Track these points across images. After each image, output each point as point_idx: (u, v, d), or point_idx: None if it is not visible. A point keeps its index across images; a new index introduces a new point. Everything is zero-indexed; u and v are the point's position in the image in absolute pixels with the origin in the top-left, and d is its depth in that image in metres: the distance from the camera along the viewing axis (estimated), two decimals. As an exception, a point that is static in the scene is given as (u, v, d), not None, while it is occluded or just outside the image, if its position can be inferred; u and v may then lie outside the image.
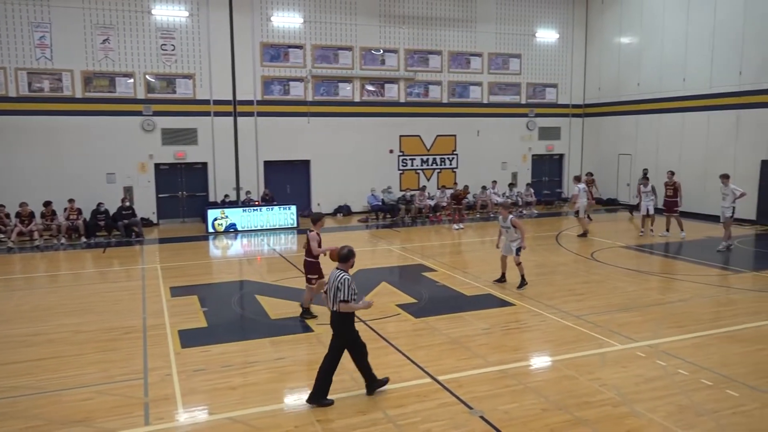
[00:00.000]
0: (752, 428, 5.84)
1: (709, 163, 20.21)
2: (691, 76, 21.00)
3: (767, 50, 18.34)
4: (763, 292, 11.11)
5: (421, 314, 9.87)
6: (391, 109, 23.02)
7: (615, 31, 24.62)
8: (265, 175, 21.59)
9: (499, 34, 24.44)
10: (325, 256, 9.04)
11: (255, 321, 9.78)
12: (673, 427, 5.94)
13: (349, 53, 22.21)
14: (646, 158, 23.10)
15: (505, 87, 24.84)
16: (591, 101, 26.12)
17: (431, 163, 24.08)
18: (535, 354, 8.24)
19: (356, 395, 6.74)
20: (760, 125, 18.42)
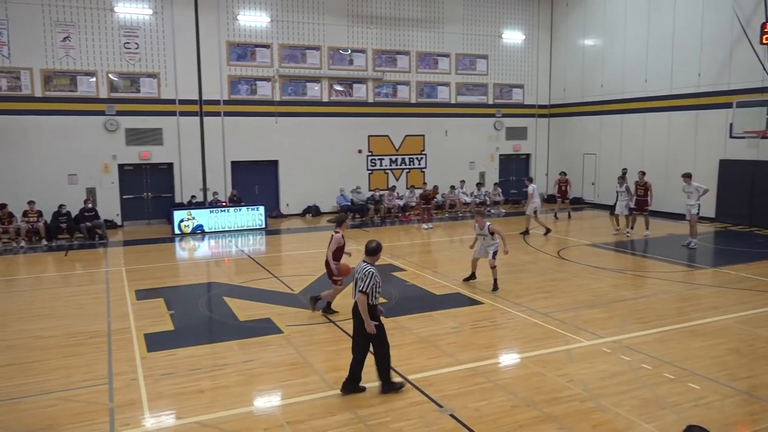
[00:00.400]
0: (712, 420, 6.01)
1: (671, 162, 20.75)
2: (653, 78, 21.53)
3: (724, 53, 18.91)
4: (722, 287, 11.45)
5: (390, 314, 9.87)
6: (360, 109, 23.01)
7: (579, 34, 25.08)
8: (232, 176, 21.35)
9: (466, 35, 24.66)
10: (335, 274, 9.25)
11: (223, 323, 9.66)
12: (637, 420, 6.08)
13: (317, 53, 22.12)
14: (610, 158, 23.59)
15: (472, 87, 25.06)
16: (556, 102, 26.55)
17: (400, 163, 24.15)
18: (504, 351, 8.34)
19: (326, 396, 6.72)
20: (718, 126, 18.98)
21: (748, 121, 16.68)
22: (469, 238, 17.66)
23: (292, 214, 22.33)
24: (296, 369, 7.55)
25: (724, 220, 19.03)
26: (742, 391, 6.74)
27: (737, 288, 11.31)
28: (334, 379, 7.16)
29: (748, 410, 6.36)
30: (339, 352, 8.09)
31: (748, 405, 6.46)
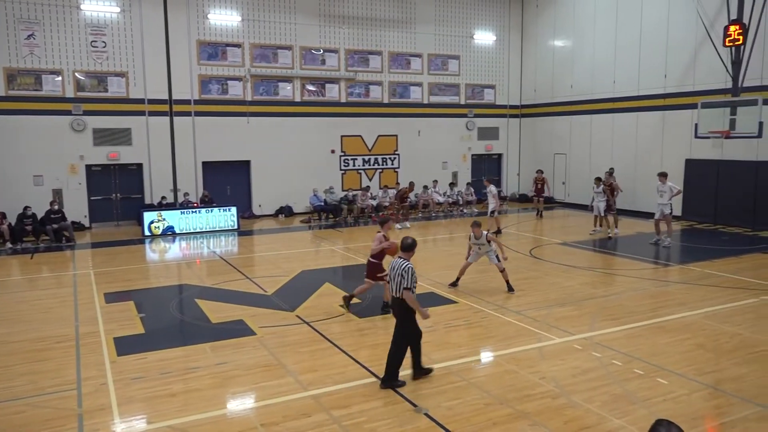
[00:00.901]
0: (681, 413, 6.14)
1: (639, 162, 21.17)
2: (621, 79, 21.93)
3: (689, 55, 19.36)
4: (688, 284, 11.71)
5: (365, 314, 9.88)
6: (332, 109, 22.96)
7: (549, 35, 25.41)
8: (203, 177, 21.10)
9: (438, 36, 24.78)
10: (386, 251, 9.41)
11: (195, 326, 9.54)
12: (608, 415, 6.18)
13: (288, 53, 22.00)
14: (580, 158, 23.96)
15: (444, 88, 25.20)
16: (527, 102, 26.86)
17: (373, 163, 24.16)
18: (477, 350, 8.40)
19: (301, 397, 6.69)
20: (684, 125, 19.41)
21: (712, 121, 17.08)
22: (443, 238, 17.81)
23: (264, 215, 22.17)
24: (270, 371, 7.50)
25: (690, 218, 19.47)
26: (708, 385, 6.91)
27: (703, 284, 11.59)
28: (309, 380, 7.13)
29: (714, 404, 6.52)
30: (313, 353, 8.06)
31: (714, 399, 6.62)
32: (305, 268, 13.59)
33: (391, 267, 7.13)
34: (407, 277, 6.83)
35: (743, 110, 16.19)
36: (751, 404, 6.40)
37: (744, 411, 6.26)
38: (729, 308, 9.97)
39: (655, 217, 15.73)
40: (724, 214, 18.54)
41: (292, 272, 13.06)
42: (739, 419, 6.09)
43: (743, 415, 6.17)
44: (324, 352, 8.13)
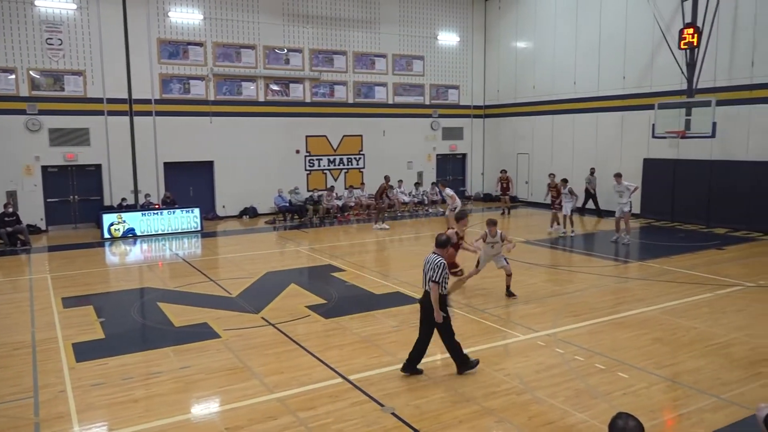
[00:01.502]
0: (640, 406, 6.30)
1: (599, 161, 21.63)
2: (581, 80, 22.38)
3: (646, 57, 19.88)
4: (647, 280, 12.03)
5: (331, 315, 9.85)
6: (297, 109, 22.81)
7: (511, 36, 25.75)
8: (165, 178, 20.70)
9: (402, 36, 24.87)
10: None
11: (157, 329, 9.35)
12: (571, 410, 6.30)
13: (252, 52, 21.77)
14: (542, 157, 24.35)
15: (409, 88, 25.30)
16: (491, 103, 27.17)
17: (338, 163, 24.09)
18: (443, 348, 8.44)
19: (267, 400, 6.63)
20: (642, 126, 19.91)
21: (669, 121, 17.56)
22: (408, 238, 17.87)
23: (228, 216, 21.88)
24: (235, 374, 7.41)
25: (648, 216, 20.00)
26: (667, 378, 7.10)
27: (661, 280, 11.91)
28: (274, 382, 7.08)
29: (672, 396, 6.71)
30: (279, 356, 8.00)
31: (672, 391, 6.82)
32: (270, 269, 13.47)
33: (425, 261, 7.29)
34: (438, 272, 6.98)
35: (698, 111, 16.70)
36: (707, 395, 6.61)
37: (700, 402, 6.46)
38: (685, 303, 10.27)
39: (615, 216, 16.08)
40: (681, 212, 19.09)
41: (257, 274, 12.94)
42: (695, 410, 6.28)
43: (699, 407, 6.36)
44: (290, 353, 8.08)
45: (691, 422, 6.04)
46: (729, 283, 11.57)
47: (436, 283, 6.95)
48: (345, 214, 21.86)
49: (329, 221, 21.18)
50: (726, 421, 6.00)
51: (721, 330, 8.82)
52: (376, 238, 17.96)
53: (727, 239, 16.35)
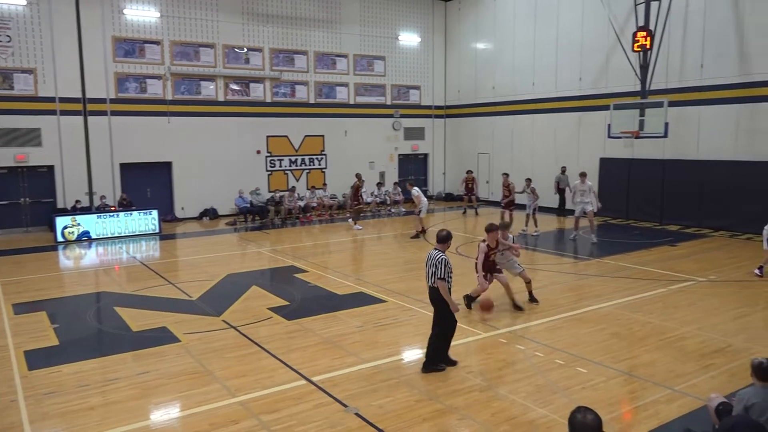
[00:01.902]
0: (599, 400, 6.45)
1: (559, 161, 22.05)
2: (540, 81, 22.78)
3: (602, 59, 20.37)
4: (604, 276, 12.32)
5: (293, 316, 9.78)
6: (258, 109, 22.57)
7: (471, 38, 26.04)
8: (122, 179, 20.20)
9: (363, 37, 24.87)
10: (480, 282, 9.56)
11: (114, 335, 9.13)
12: (532, 405, 6.41)
13: (211, 51, 21.44)
14: (503, 157, 24.69)
15: (370, 88, 25.32)
16: (452, 103, 27.42)
17: (300, 163, 23.94)
18: (406, 348, 8.49)
19: (228, 404, 6.53)
20: (598, 126, 20.38)
21: (623, 122, 18.00)
22: (371, 238, 17.87)
23: (188, 218, 21.49)
24: (195, 378, 7.28)
25: (605, 214, 20.43)
26: (624, 372, 7.29)
27: (617, 276, 12.22)
28: (236, 386, 6.98)
29: (629, 389, 6.89)
30: (241, 359, 7.90)
31: (629, 384, 7.00)
32: (231, 271, 13.29)
33: (427, 257, 7.39)
34: (441, 268, 7.11)
35: (651, 112, 17.18)
36: (661, 387, 6.81)
37: (655, 394, 6.65)
38: (640, 298, 10.56)
39: (575, 215, 16.38)
40: (636, 210, 19.63)
41: (218, 276, 12.75)
42: (651, 402, 6.47)
43: (654, 398, 6.55)
44: (252, 356, 7.99)
45: (646, 414, 6.21)
46: (681, 278, 11.95)
47: (442, 280, 7.12)
48: (307, 214, 21.74)
49: (291, 222, 21.02)
50: (679, 412, 6.19)
51: (674, 324, 9.11)
52: (339, 239, 17.92)
53: (680, 236, 16.89)
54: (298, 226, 20.42)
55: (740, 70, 16.84)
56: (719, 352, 7.92)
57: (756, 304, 10.16)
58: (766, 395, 4.73)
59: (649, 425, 5.95)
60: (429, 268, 7.30)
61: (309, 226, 20.44)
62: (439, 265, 7.15)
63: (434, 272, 7.17)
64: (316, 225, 20.55)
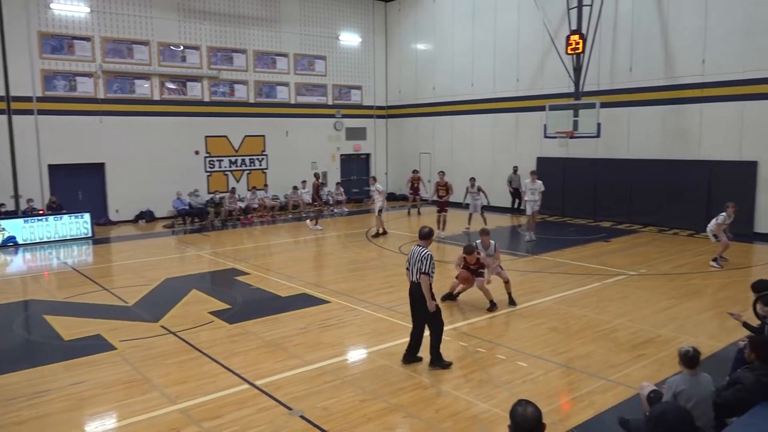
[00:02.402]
0: (539, 393, 6.64)
1: (497, 160, 22.57)
2: (478, 82, 23.23)
3: (538, 61, 20.96)
4: (542, 273, 12.69)
5: (235, 320, 9.60)
6: (195, 109, 22.02)
7: (411, 39, 26.28)
8: (50, 181, 19.28)
9: (304, 36, 24.69)
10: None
11: (44, 345, 8.70)
12: (474, 400, 6.53)
13: (145, 48, 20.76)
14: (443, 157, 25.03)
15: (311, 88, 25.16)
16: (393, 103, 27.59)
17: (240, 164, 23.52)
18: (351, 348, 8.49)
19: (169, 412, 6.35)
20: (535, 126, 20.97)
21: (559, 122, 18.58)
22: (314, 238, 17.75)
23: (122, 221, 20.74)
24: (133, 387, 7.04)
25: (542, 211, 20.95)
26: (562, 365, 7.53)
27: (554, 272, 12.61)
28: (177, 393, 6.79)
29: (567, 381, 7.13)
30: (181, 365, 7.69)
31: (567, 376, 7.24)
32: (170, 275, 12.92)
33: (411, 254, 7.47)
34: (426, 263, 7.22)
35: (584, 112, 17.81)
36: (597, 378, 7.07)
37: (591, 385, 6.90)
38: (576, 293, 10.94)
39: (527, 213, 16.74)
40: (571, 207, 20.31)
41: (155, 280, 12.37)
42: (587, 393, 6.71)
43: (590, 389, 6.80)
44: (193, 362, 7.79)
45: (583, 404, 6.43)
46: (614, 272, 12.45)
47: (426, 275, 7.21)
48: (248, 216, 21.38)
49: (232, 224, 20.63)
50: (614, 401, 6.45)
51: (608, 316, 9.47)
52: (281, 240, 17.72)
53: (612, 232, 17.58)
54: (239, 227, 20.06)
55: (666, 72, 17.68)
56: (650, 342, 8.29)
57: (682, 295, 10.70)
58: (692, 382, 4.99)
59: (585, 415, 6.17)
60: (414, 264, 7.34)
61: (250, 227, 20.11)
62: (425, 260, 7.26)
63: (419, 267, 7.25)
64: (257, 226, 20.24)
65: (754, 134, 16.00)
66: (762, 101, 15.73)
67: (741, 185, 15.99)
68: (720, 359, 7.37)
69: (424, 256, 7.29)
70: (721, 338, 8.35)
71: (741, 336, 7.08)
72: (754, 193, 15.98)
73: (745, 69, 15.95)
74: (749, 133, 16.10)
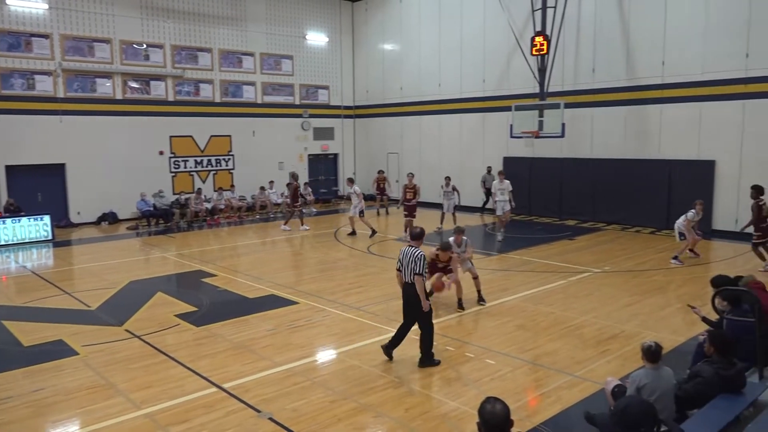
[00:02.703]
0: (506, 389, 6.72)
1: (464, 160, 22.76)
2: (445, 82, 23.38)
3: (503, 62, 21.20)
4: (509, 271, 12.85)
5: (202, 322, 9.46)
6: (160, 108, 21.63)
7: (379, 39, 26.30)
8: (7, 182, 18.69)
9: (270, 35, 24.48)
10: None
11: (3, 351, 8.42)
12: (444, 399, 6.57)
13: (107, 46, 20.30)
14: (411, 156, 25.13)
15: (278, 87, 24.96)
16: (360, 103, 27.57)
17: (206, 164, 23.20)
18: (320, 349, 8.45)
19: (134, 417, 6.22)
20: (501, 126, 21.20)
21: (524, 122, 18.82)
22: (282, 239, 17.62)
23: (84, 223, 20.24)
24: (97, 392, 6.88)
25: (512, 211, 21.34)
26: (529, 362, 7.64)
27: (521, 270, 12.78)
28: (142, 398, 6.67)
29: (534, 377, 7.23)
30: (146, 369, 7.55)
31: (534, 373, 7.34)
32: (134, 278, 12.67)
33: (403, 255, 7.50)
34: (419, 264, 7.28)
35: (549, 113, 18.10)
36: (563, 374, 7.19)
37: (558, 381, 7.02)
38: (543, 290, 11.11)
39: (497, 213, 16.90)
40: (537, 206, 20.60)
41: (119, 284, 12.11)
42: (554, 389, 6.82)
43: (557, 385, 6.91)
44: (158, 366, 7.65)
45: (550, 400, 6.54)
46: (579, 270, 12.68)
47: (420, 276, 7.28)
48: (215, 217, 21.10)
49: (198, 225, 20.33)
50: (580, 396, 6.57)
51: (573, 313, 9.64)
52: (249, 241, 17.55)
53: (577, 230, 17.90)
54: (206, 229, 19.79)
55: (628, 74, 18.08)
56: (614, 338, 8.47)
57: (645, 292, 10.96)
58: (655, 376, 5.11)
59: (552, 411, 6.27)
60: (408, 265, 7.39)
61: (217, 228, 19.85)
62: (418, 261, 7.31)
63: (413, 268, 7.31)
64: (224, 227, 19.99)
65: (711, 134, 16.49)
66: (719, 102, 16.22)
67: (700, 184, 16.45)
68: (681, 353, 7.58)
69: (418, 257, 7.35)
70: (681, 333, 8.59)
71: (701, 330, 7.30)
72: (712, 191, 16.47)
73: (703, 71, 16.42)
74: (707, 133, 16.58)
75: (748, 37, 15.46)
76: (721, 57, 16.00)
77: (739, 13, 15.56)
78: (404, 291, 7.57)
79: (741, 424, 4.66)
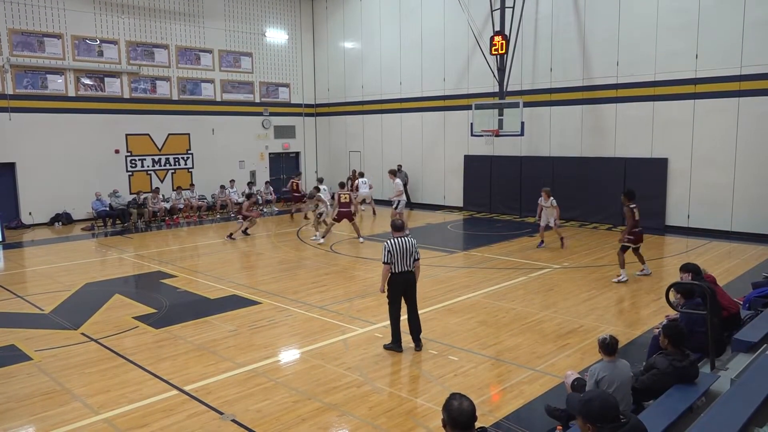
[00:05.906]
0: (470, 385, 6.80)
1: (426, 158, 22.89)
2: (406, 81, 23.46)
3: (463, 61, 21.40)
4: (471, 268, 12.99)
5: (162, 324, 9.28)
6: (114, 106, 21.08)
7: (339, 37, 26.21)
8: (-47, 182, 17.97)
9: (229, 32, 24.13)
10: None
11: (-50, 358, 8.10)
12: (408, 396, 6.61)
13: (58, 41, 19.67)
14: (373, 154, 25.14)
15: (238, 85, 24.63)
16: (322, 101, 27.43)
17: (164, 163, 22.72)
18: (283, 349, 8.39)
19: (90, 423, 6.06)
20: (462, 125, 21.41)
21: (484, 121, 19.04)
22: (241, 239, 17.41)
23: (37, 224, 19.59)
24: (52, 398, 6.67)
25: (470, 208, 21.59)
26: (491, 357, 7.74)
27: (483, 267, 12.94)
28: (100, 402, 6.50)
29: (497, 372, 7.33)
30: (103, 373, 7.36)
31: (496, 368, 7.44)
32: (90, 280, 12.33)
33: (397, 246, 7.69)
34: (417, 250, 7.84)
35: (509, 112, 18.35)
36: (525, 369, 7.32)
37: (520, 375, 7.14)
38: (504, 287, 11.27)
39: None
40: (497, 204, 20.88)
41: (74, 286, 11.77)
42: (516, 383, 6.93)
43: (519, 380, 7.02)
44: (116, 369, 7.47)
45: (512, 395, 6.64)
46: (539, 266, 12.91)
47: (417, 260, 7.86)
48: (174, 217, 20.69)
49: (156, 225, 19.91)
50: (541, 390, 6.69)
51: (534, 309, 9.82)
52: (209, 241, 17.27)
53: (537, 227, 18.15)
54: (165, 229, 19.39)
55: (584, 74, 18.48)
56: (573, 332, 8.66)
57: (602, 287, 11.24)
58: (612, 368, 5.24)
59: (514, 405, 6.37)
60: (407, 253, 7.71)
61: (176, 228, 19.47)
62: (416, 247, 7.85)
63: (415, 256, 7.79)
64: (183, 227, 19.63)
65: (663, 133, 16.99)
66: (671, 101, 16.73)
67: (653, 181, 16.95)
68: (637, 346, 7.81)
69: (415, 244, 7.85)
70: (637, 326, 8.84)
71: (656, 324, 7.53)
72: (665, 188, 16.99)
73: (655, 71, 16.90)
74: (659, 132, 17.08)
75: (698, 38, 15.99)
76: (672, 58, 16.50)
77: (689, 15, 16.07)
78: (401, 279, 7.79)
79: (694, 414, 4.82)
